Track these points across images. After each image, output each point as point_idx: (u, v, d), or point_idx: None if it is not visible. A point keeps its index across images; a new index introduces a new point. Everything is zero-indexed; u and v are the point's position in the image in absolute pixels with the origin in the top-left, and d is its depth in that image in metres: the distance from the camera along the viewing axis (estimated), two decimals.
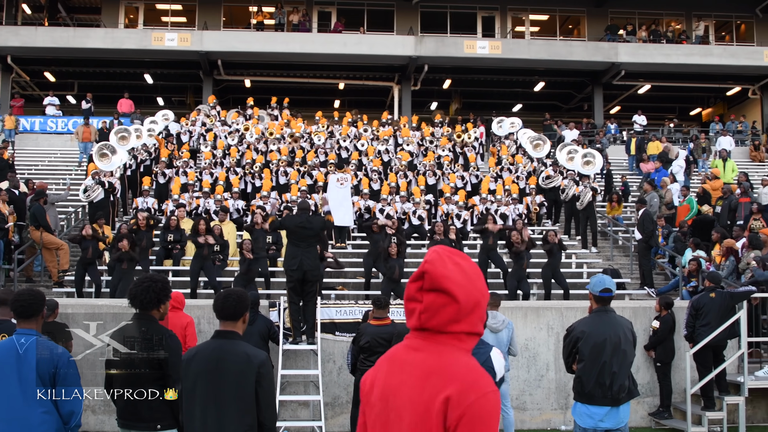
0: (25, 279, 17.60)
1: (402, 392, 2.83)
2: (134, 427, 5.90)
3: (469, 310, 2.83)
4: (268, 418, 5.20)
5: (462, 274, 2.84)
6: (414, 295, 2.88)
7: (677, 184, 23.38)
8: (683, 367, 13.32)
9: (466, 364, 2.81)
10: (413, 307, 2.88)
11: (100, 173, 19.95)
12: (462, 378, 2.74)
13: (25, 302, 5.64)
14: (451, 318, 2.81)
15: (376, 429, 2.95)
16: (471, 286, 2.83)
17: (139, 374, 5.82)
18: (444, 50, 35.62)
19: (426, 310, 2.83)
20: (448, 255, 2.88)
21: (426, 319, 2.84)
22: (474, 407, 2.67)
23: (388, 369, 2.96)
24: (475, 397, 2.69)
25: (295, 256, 12.22)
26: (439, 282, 2.81)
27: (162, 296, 6.00)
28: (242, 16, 41.02)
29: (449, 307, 2.80)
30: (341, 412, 13.11)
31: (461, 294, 2.80)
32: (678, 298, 16.07)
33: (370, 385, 3.03)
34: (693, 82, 39.43)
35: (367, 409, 3.05)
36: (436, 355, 2.82)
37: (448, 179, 22.87)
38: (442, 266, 2.83)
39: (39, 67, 38.27)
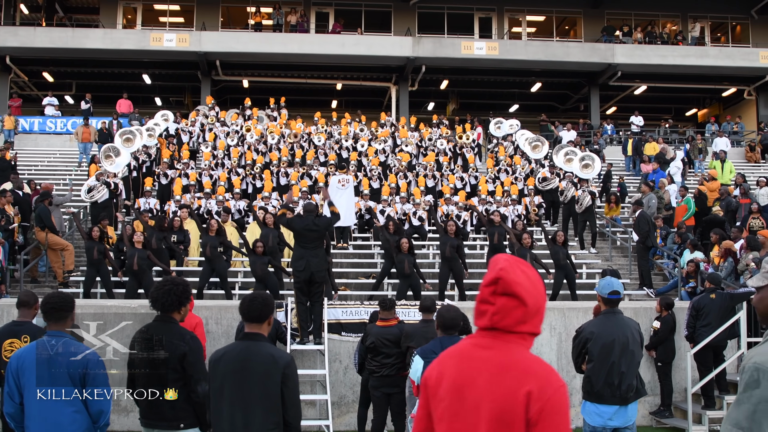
0: (30, 280, 17.67)
1: (478, 386, 3.10)
2: (157, 426, 6.02)
3: (534, 312, 3.14)
4: (293, 417, 5.36)
5: (528, 280, 3.14)
6: (487, 297, 3.18)
7: (675, 185, 23.52)
8: (684, 367, 13.49)
9: (537, 360, 3.13)
10: (485, 309, 3.18)
11: (104, 174, 20.05)
12: (539, 374, 3.06)
13: (56, 304, 5.77)
14: (519, 319, 3.12)
15: (443, 421, 3.20)
16: (536, 291, 3.14)
17: (161, 374, 5.94)
18: (441, 51, 35.76)
19: (498, 312, 3.14)
20: (516, 263, 3.18)
21: (497, 320, 3.14)
22: (552, 400, 2.99)
23: (456, 365, 3.24)
24: (552, 390, 3.01)
25: (302, 257, 12.36)
26: (511, 287, 3.10)
27: (183, 299, 6.13)
28: (240, 16, 41.12)
29: (518, 310, 3.11)
30: (347, 411, 13.26)
31: (529, 298, 3.11)
32: (677, 298, 16.22)
33: (436, 379, 3.28)
34: (689, 83, 39.63)
35: (432, 403, 3.29)
36: (508, 352, 3.12)
37: (448, 180, 23.01)
38: (514, 273, 3.13)
39: (37, 68, 38.28)
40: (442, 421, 3.21)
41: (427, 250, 20.03)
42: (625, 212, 23.51)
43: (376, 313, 11.49)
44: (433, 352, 6.78)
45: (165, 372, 5.93)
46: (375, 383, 10.42)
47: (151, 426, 6.07)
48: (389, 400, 10.39)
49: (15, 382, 5.57)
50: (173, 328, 6.07)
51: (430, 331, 10.03)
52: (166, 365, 5.91)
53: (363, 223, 21.00)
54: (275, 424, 5.26)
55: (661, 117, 41.31)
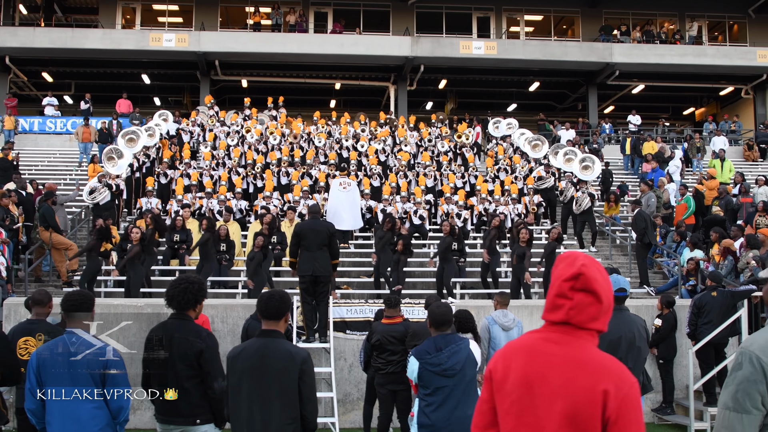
0: (34, 279, 17.74)
1: (551, 381, 3.15)
2: (173, 422, 6.10)
3: (606, 310, 3.21)
4: (310, 412, 5.46)
5: (604, 279, 3.22)
6: (565, 292, 3.22)
7: (674, 184, 23.62)
8: (685, 364, 13.62)
9: (610, 358, 3.19)
10: (562, 303, 3.23)
11: (106, 176, 20.11)
12: (614, 371, 3.12)
13: (76, 302, 5.85)
14: (593, 316, 3.19)
15: (511, 414, 3.25)
16: (609, 290, 3.21)
17: (177, 371, 6.03)
18: (440, 51, 35.88)
19: (575, 307, 3.19)
20: (592, 260, 3.26)
21: (573, 315, 3.20)
22: (628, 397, 3.06)
23: (526, 358, 3.26)
24: (627, 388, 3.07)
25: (308, 260, 12.44)
26: (591, 284, 3.18)
27: (199, 297, 6.22)
28: (239, 16, 41.16)
29: (594, 306, 3.19)
30: (352, 409, 13.35)
31: (605, 296, 3.19)
32: (677, 296, 16.31)
33: (503, 373, 3.31)
34: (686, 82, 39.76)
35: (498, 397, 3.34)
36: (581, 348, 3.18)
37: (448, 179, 23.09)
38: (594, 270, 3.21)
39: (37, 68, 38.33)
40: (509, 415, 3.26)
41: (428, 249, 20.12)
42: (625, 211, 23.59)
43: (381, 311, 11.58)
44: (427, 353, 6.82)
45: (181, 369, 6.03)
46: (381, 380, 10.50)
47: (167, 422, 6.15)
48: (395, 397, 10.47)
49: (36, 379, 5.66)
50: (189, 325, 6.17)
51: None
52: (182, 362, 6.01)
53: (364, 223, 21.07)
54: (292, 419, 5.36)
55: (659, 116, 41.45)
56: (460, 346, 6.74)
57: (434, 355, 6.74)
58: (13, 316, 12.42)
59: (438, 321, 6.94)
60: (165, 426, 6.20)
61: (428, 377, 6.73)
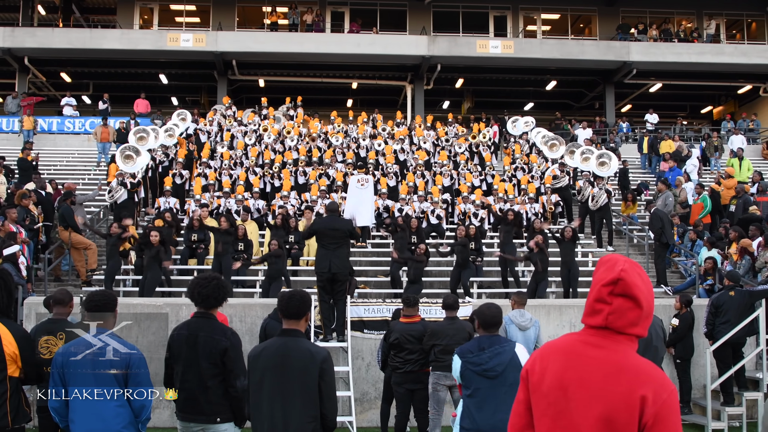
0: (53, 278, 17.87)
1: (589, 385, 3.13)
2: (195, 419, 6.18)
3: (647, 315, 3.20)
4: (330, 410, 5.52)
5: (644, 284, 3.20)
6: (605, 297, 3.21)
7: (691, 183, 23.54)
8: (703, 364, 13.57)
9: (649, 364, 3.17)
10: (601, 308, 3.21)
11: (123, 174, 20.21)
12: (653, 378, 3.09)
13: (99, 302, 5.92)
14: (633, 321, 3.17)
15: (547, 416, 3.25)
16: (650, 295, 3.20)
17: (201, 369, 6.11)
18: (456, 50, 35.87)
19: (614, 312, 3.18)
20: (633, 265, 3.23)
21: (612, 320, 3.18)
22: (666, 404, 3.03)
23: (563, 361, 3.26)
24: (666, 395, 3.04)
25: (324, 257, 12.49)
26: (631, 289, 3.16)
27: (226, 296, 6.31)
28: (256, 16, 41.24)
29: (633, 312, 3.16)
30: (370, 408, 13.41)
31: (645, 301, 3.17)
32: (695, 296, 16.27)
33: (540, 375, 3.32)
34: (704, 80, 39.58)
35: (534, 398, 3.34)
36: (620, 353, 3.17)
37: (465, 179, 23.09)
38: (634, 274, 3.19)
39: (55, 68, 38.58)
40: (545, 417, 3.25)
41: (445, 249, 20.13)
42: (642, 210, 23.54)
43: (398, 310, 11.64)
44: (470, 351, 6.74)
45: (205, 367, 6.11)
46: (398, 379, 10.55)
47: (188, 420, 6.22)
48: (412, 396, 10.53)
49: (60, 378, 5.72)
50: (214, 324, 6.28)
51: (455, 328, 10.18)
52: (207, 360, 6.09)
53: (381, 222, 21.11)
54: (313, 417, 5.41)
55: (677, 114, 41.29)
56: (505, 348, 6.66)
57: (476, 354, 6.67)
58: (34, 316, 12.52)
59: (488, 322, 6.86)
60: (186, 424, 6.27)
61: (469, 376, 6.68)
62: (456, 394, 10.38)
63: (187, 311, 12.81)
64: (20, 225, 16.15)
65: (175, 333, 6.28)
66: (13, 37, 34.95)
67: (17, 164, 22.85)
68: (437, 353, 10.14)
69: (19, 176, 22.01)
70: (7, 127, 32.20)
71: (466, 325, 10.44)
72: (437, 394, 10.32)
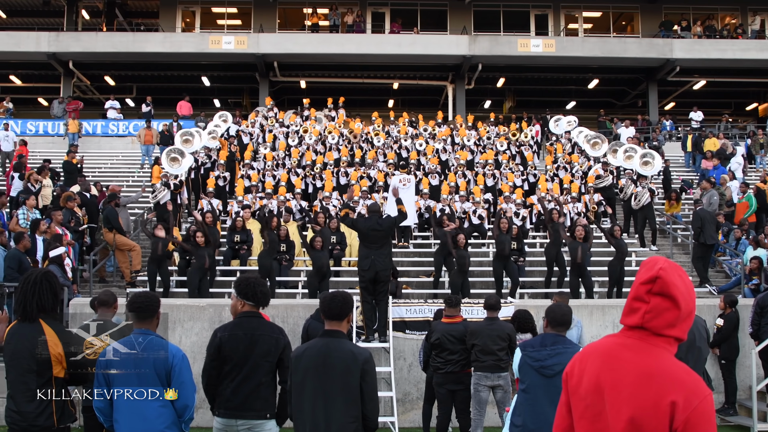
0: (98, 280, 18.07)
1: (621, 389, 3.11)
2: (243, 416, 6.24)
3: (685, 317, 3.15)
4: (371, 411, 5.54)
5: (684, 285, 3.15)
6: (642, 296, 3.18)
7: (736, 182, 23.29)
8: (748, 365, 13.42)
9: (684, 369, 3.10)
10: (638, 306, 3.19)
11: (168, 176, 20.38)
12: (686, 383, 3.03)
13: (142, 304, 5.97)
14: (670, 322, 3.13)
15: (585, 419, 3.25)
16: (689, 296, 3.15)
17: (258, 366, 6.24)
18: (497, 49, 35.79)
19: (651, 311, 3.14)
20: (673, 265, 3.19)
21: (649, 319, 3.15)
22: (698, 410, 2.97)
23: (600, 363, 3.24)
24: (698, 401, 2.98)
25: (367, 257, 12.53)
26: (668, 288, 3.12)
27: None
28: (297, 18, 41.50)
29: (671, 312, 3.12)
30: (412, 408, 13.41)
31: (683, 302, 3.12)
32: (740, 295, 16.08)
33: (578, 377, 3.32)
34: (749, 77, 39.15)
35: (574, 400, 3.34)
36: (654, 357, 3.12)
37: (507, 178, 23.01)
38: (673, 274, 3.15)
39: (99, 72, 39.12)
40: (583, 419, 3.26)
41: (487, 248, 20.09)
42: (686, 209, 23.33)
43: (440, 311, 11.64)
44: (531, 346, 6.74)
45: (263, 364, 6.25)
46: (439, 380, 10.55)
47: (236, 417, 6.26)
48: (453, 396, 10.52)
49: (104, 378, 5.79)
50: (268, 323, 6.45)
51: (495, 328, 10.17)
52: (265, 358, 6.25)
53: (423, 222, 21.10)
54: (354, 418, 5.44)
55: (721, 112, 40.77)
56: (567, 349, 6.58)
57: (537, 349, 6.65)
58: (79, 317, 12.66)
59: (556, 320, 6.78)
60: (230, 422, 6.28)
61: (526, 371, 6.66)
62: (499, 394, 10.37)
63: (228, 312, 12.90)
64: (65, 227, 16.35)
65: (226, 334, 6.31)
66: (58, 42, 35.42)
67: (62, 167, 23.14)
68: (477, 353, 10.13)
69: (65, 179, 22.29)
70: (52, 131, 32.64)
71: (506, 326, 10.40)
72: (479, 394, 10.31)
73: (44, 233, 15.10)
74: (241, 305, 6.42)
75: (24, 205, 17.01)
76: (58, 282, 6.34)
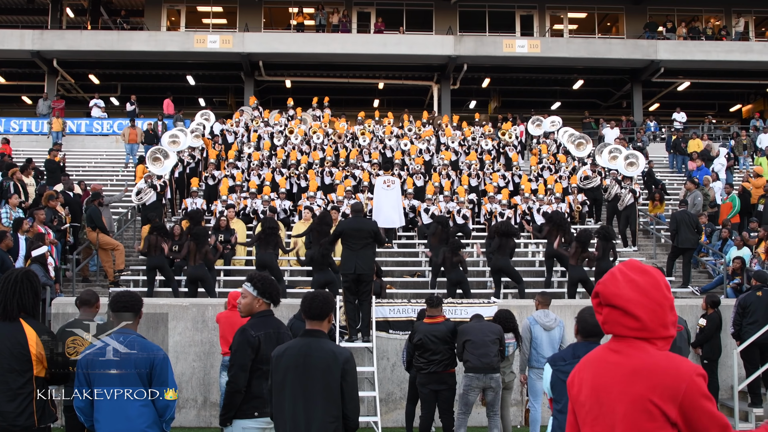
0: (81, 279, 18.01)
1: (613, 389, 3.17)
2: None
3: (649, 319, 3.15)
4: (352, 410, 5.55)
5: (634, 289, 3.17)
6: (596, 308, 3.29)
7: (719, 182, 23.39)
8: (730, 365, 13.50)
9: (665, 358, 3.14)
10: (598, 318, 3.29)
11: (152, 176, 20.33)
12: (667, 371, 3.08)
13: (126, 303, 5.97)
14: (633, 327, 3.16)
15: (587, 424, 3.31)
16: (645, 298, 3.15)
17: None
18: (483, 49, 35.85)
19: (606, 322, 3.24)
20: (622, 272, 3.24)
21: (608, 329, 3.24)
22: (688, 393, 3.01)
23: (593, 369, 3.32)
24: (685, 384, 3.02)
25: (350, 259, 12.53)
26: (610, 299, 3.19)
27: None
28: (282, 17, 41.45)
29: (626, 319, 3.17)
30: (395, 408, 13.44)
31: (634, 308, 3.15)
32: (722, 296, 16.15)
33: (578, 387, 3.39)
34: (733, 78, 39.35)
35: (576, 408, 3.42)
36: (636, 355, 3.16)
37: (491, 179, 23.04)
38: (613, 285, 3.21)
39: (83, 70, 38.99)
40: (585, 425, 3.32)
41: (471, 248, 20.11)
42: (669, 209, 23.41)
43: (423, 311, 11.65)
44: (562, 359, 6.26)
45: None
46: (422, 380, 10.56)
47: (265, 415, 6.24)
48: (437, 396, 10.54)
49: (85, 378, 5.78)
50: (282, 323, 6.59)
51: (485, 327, 10.22)
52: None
53: (407, 222, 21.09)
54: (335, 417, 5.45)
55: (705, 113, 40.98)
56: None
57: (569, 362, 6.03)
58: (62, 316, 12.62)
59: (588, 331, 6.37)
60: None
61: (560, 388, 6.03)
62: (489, 396, 10.41)
63: (213, 311, 12.90)
64: (47, 226, 16.29)
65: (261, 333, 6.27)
66: (42, 39, 35.30)
67: (45, 166, 23.03)
68: (470, 348, 10.17)
69: (47, 177, 22.18)
70: (36, 129, 32.53)
71: (494, 325, 10.50)
72: (467, 397, 10.35)
73: (26, 232, 15.04)
74: (258, 304, 6.40)
75: (6, 203, 16.96)
76: (39, 281, 6.32)
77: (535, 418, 11.11)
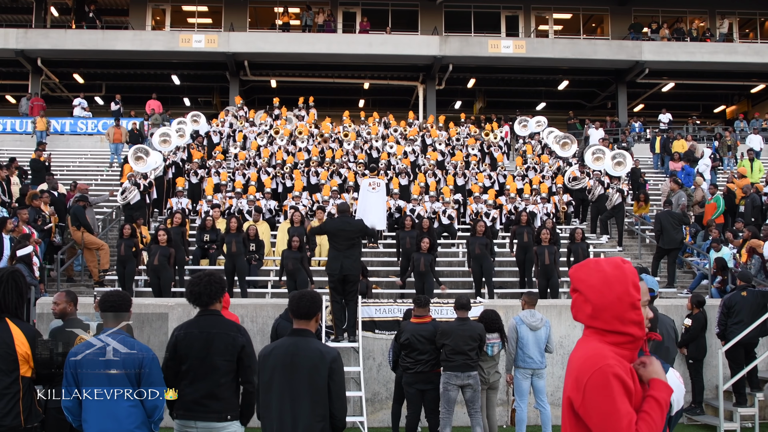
0: (66, 279, 17.92)
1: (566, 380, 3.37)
2: (204, 418, 6.05)
3: (602, 308, 3.28)
4: (339, 410, 5.55)
5: (599, 278, 3.31)
6: (570, 293, 3.46)
7: (705, 183, 23.47)
8: (715, 364, 13.56)
9: (582, 351, 3.31)
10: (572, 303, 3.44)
11: (135, 175, 20.27)
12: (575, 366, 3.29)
13: (114, 303, 5.95)
14: (590, 314, 3.31)
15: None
16: (606, 288, 3.28)
17: (216, 367, 6.07)
18: (468, 50, 35.91)
19: (572, 306, 3.41)
20: (597, 262, 3.40)
21: (574, 314, 3.40)
22: (588, 388, 3.16)
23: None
24: (586, 378, 3.17)
25: (336, 259, 12.51)
26: (575, 284, 3.38)
27: (223, 291, 6.26)
28: (268, 17, 41.42)
29: (586, 305, 3.32)
30: (381, 408, 13.42)
31: (591, 294, 3.30)
32: (707, 296, 16.20)
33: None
34: (717, 79, 39.56)
35: None
36: (578, 348, 3.36)
37: (476, 179, 23.05)
38: (582, 271, 3.39)
39: (68, 69, 38.78)
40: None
41: (457, 249, 20.13)
42: (654, 210, 23.47)
43: (410, 310, 11.64)
44: None
45: (220, 364, 6.06)
46: (409, 380, 10.55)
47: (194, 418, 6.06)
48: (423, 396, 10.53)
49: (73, 378, 5.75)
50: (225, 320, 6.25)
51: (467, 329, 10.21)
52: (222, 357, 6.06)
53: (393, 222, 21.06)
54: (322, 417, 5.44)
55: (689, 114, 41.15)
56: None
57: None
58: (46, 316, 12.56)
59: None
60: (187, 423, 6.09)
61: None
62: (468, 393, 10.41)
63: None
64: (32, 225, 16.22)
65: (182, 332, 6.16)
66: (26, 38, 35.14)
67: (29, 165, 22.93)
68: (447, 353, 10.17)
69: (32, 177, 22.08)
70: (20, 129, 32.38)
71: (477, 326, 10.48)
72: (448, 393, 10.34)
73: (11, 232, 14.97)
74: None
75: None
76: (25, 281, 6.28)
77: (521, 417, 11.14)
